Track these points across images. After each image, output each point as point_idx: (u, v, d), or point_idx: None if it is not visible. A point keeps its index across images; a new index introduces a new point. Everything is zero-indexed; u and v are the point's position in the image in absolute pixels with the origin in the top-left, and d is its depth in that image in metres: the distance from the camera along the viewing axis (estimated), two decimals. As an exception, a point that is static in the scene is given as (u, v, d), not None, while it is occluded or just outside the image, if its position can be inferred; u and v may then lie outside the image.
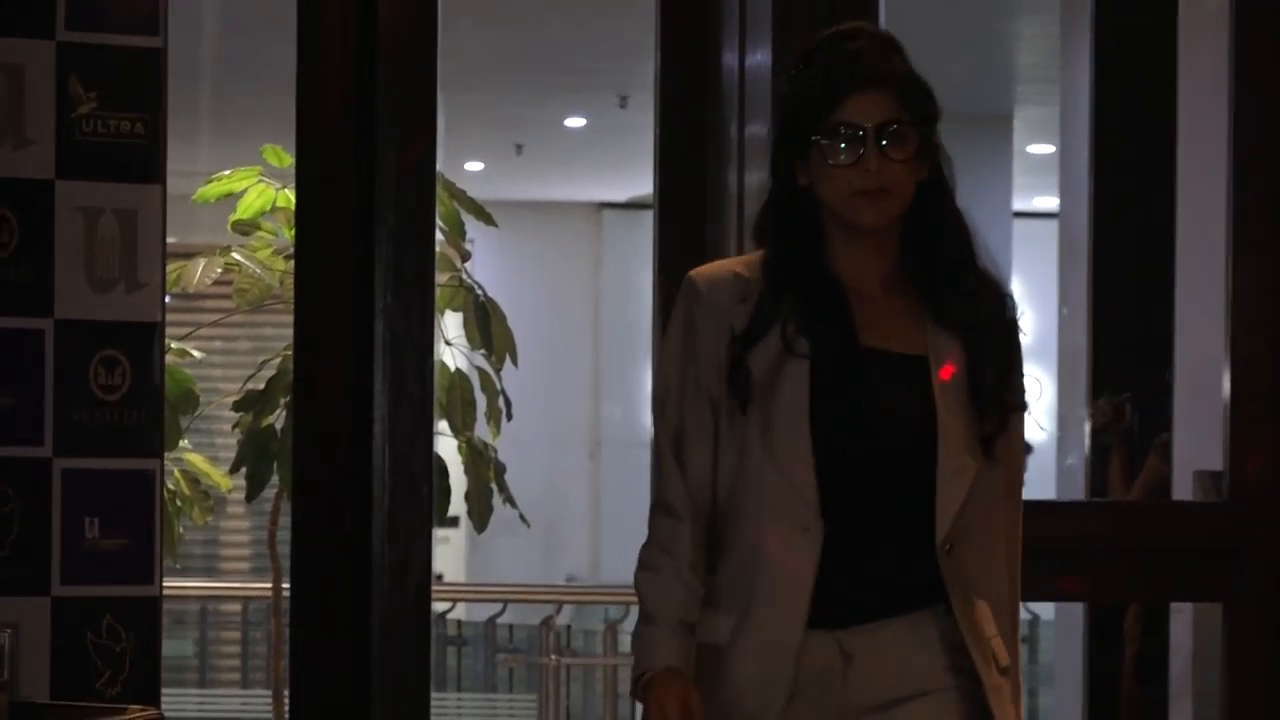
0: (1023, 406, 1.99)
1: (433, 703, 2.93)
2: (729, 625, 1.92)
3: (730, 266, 2.02)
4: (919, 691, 1.92)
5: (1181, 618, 3.64)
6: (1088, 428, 3.88)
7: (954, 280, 1.95)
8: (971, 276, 1.96)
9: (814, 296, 1.94)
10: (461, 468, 3.66)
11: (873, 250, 1.96)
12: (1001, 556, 1.97)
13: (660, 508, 1.96)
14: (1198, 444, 3.43)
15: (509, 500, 3.74)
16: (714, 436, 1.95)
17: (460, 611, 7.36)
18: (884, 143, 1.90)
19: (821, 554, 1.90)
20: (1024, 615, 5.36)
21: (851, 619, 1.92)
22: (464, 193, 3.65)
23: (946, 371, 1.94)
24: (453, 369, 3.73)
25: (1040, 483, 3.26)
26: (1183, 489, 3.46)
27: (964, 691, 1.92)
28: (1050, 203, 7.54)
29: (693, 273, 2.00)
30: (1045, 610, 6.45)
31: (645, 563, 1.95)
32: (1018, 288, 2.86)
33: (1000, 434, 1.94)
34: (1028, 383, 2.00)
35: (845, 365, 1.93)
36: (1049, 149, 7.56)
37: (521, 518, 3.77)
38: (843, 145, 1.90)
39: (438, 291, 3.10)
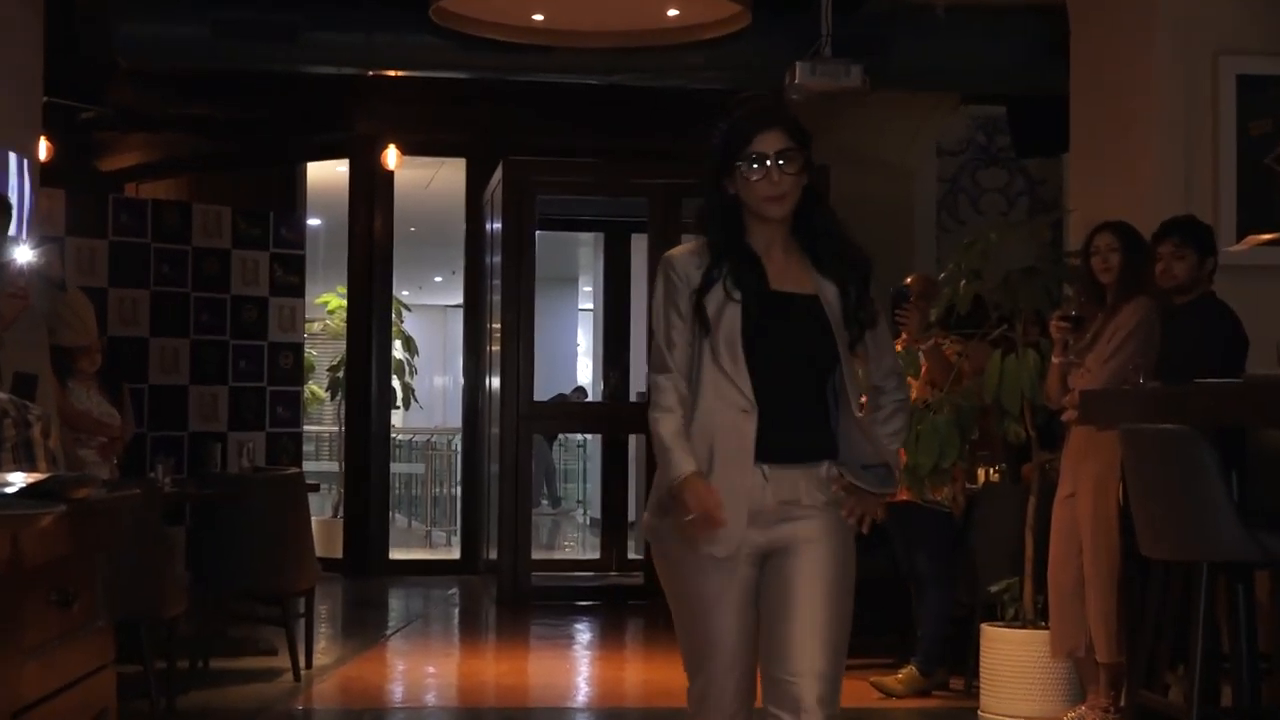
0: (874, 323, 3.60)
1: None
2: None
3: (688, 248, 3.60)
4: (808, 508, 3.54)
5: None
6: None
7: (829, 245, 3.57)
8: (841, 243, 3.59)
9: (740, 263, 3.53)
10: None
11: (776, 229, 3.58)
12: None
13: (661, 373, 3.54)
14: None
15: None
16: (689, 345, 3.52)
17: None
18: (781, 163, 3.51)
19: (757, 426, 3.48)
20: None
21: (774, 460, 3.51)
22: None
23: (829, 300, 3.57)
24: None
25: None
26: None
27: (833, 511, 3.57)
28: None
29: (665, 255, 3.62)
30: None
31: (656, 407, 3.53)
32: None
33: (861, 338, 3.57)
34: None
35: (763, 302, 3.51)
36: None
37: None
38: (755, 166, 3.51)
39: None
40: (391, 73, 10.62)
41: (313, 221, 13.69)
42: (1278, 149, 6.83)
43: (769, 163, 3.49)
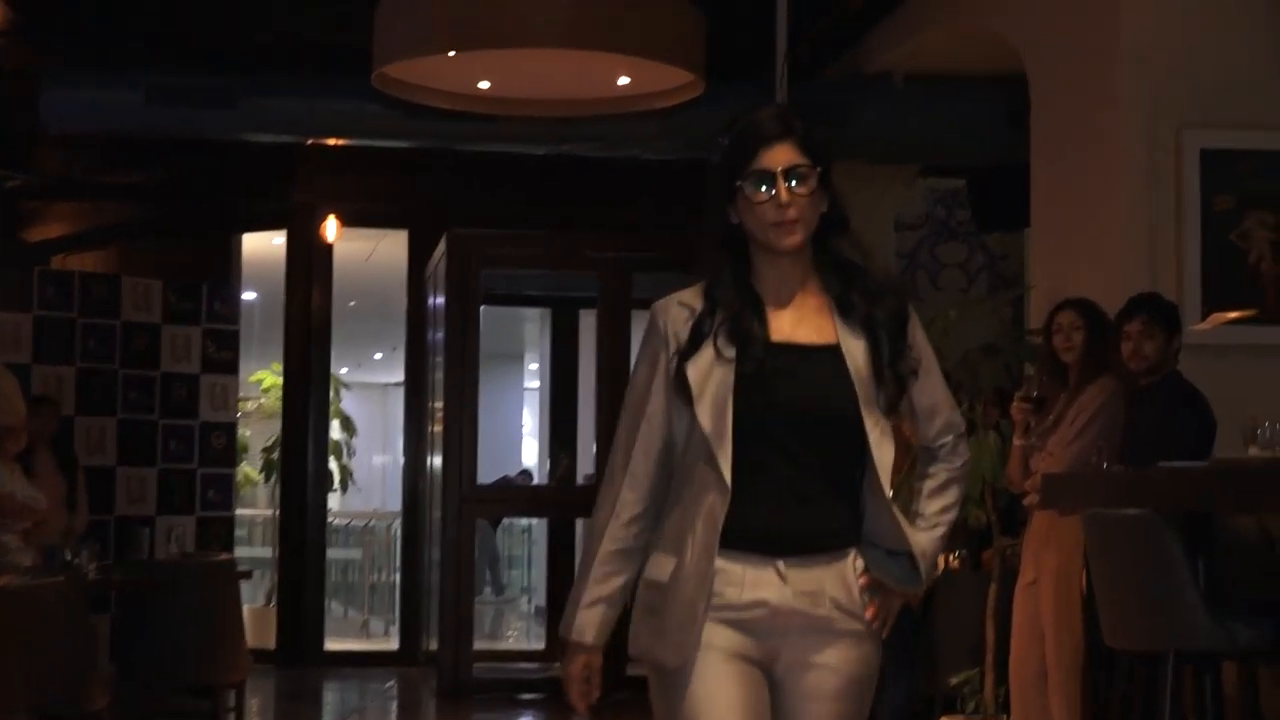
0: (918, 374, 3.08)
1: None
2: (670, 567, 3.02)
3: (680, 297, 3.09)
4: (833, 615, 3.03)
5: None
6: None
7: (854, 284, 3.06)
8: (870, 281, 3.07)
9: (740, 309, 3.03)
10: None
11: (789, 266, 3.07)
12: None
13: (621, 448, 3.09)
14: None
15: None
16: (667, 421, 3.06)
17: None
18: (791, 182, 2.99)
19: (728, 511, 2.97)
20: None
21: (789, 552, 3.00)
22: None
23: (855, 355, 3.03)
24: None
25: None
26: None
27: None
28: None
29: (654, 304, 3.11)
30: None
31: (602, 498, 3.13)
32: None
33: (900, 397, 3.05)
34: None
35: (765, 358, 3.00)
36: None
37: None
38: (759, 187, 3.00)
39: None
40: (332, 141, 10.66)
41: (248, 295, 13.68)
42: (1242, 225, 6.92)
43: (777, 182, 3.00)
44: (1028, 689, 6.03)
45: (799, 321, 3.06)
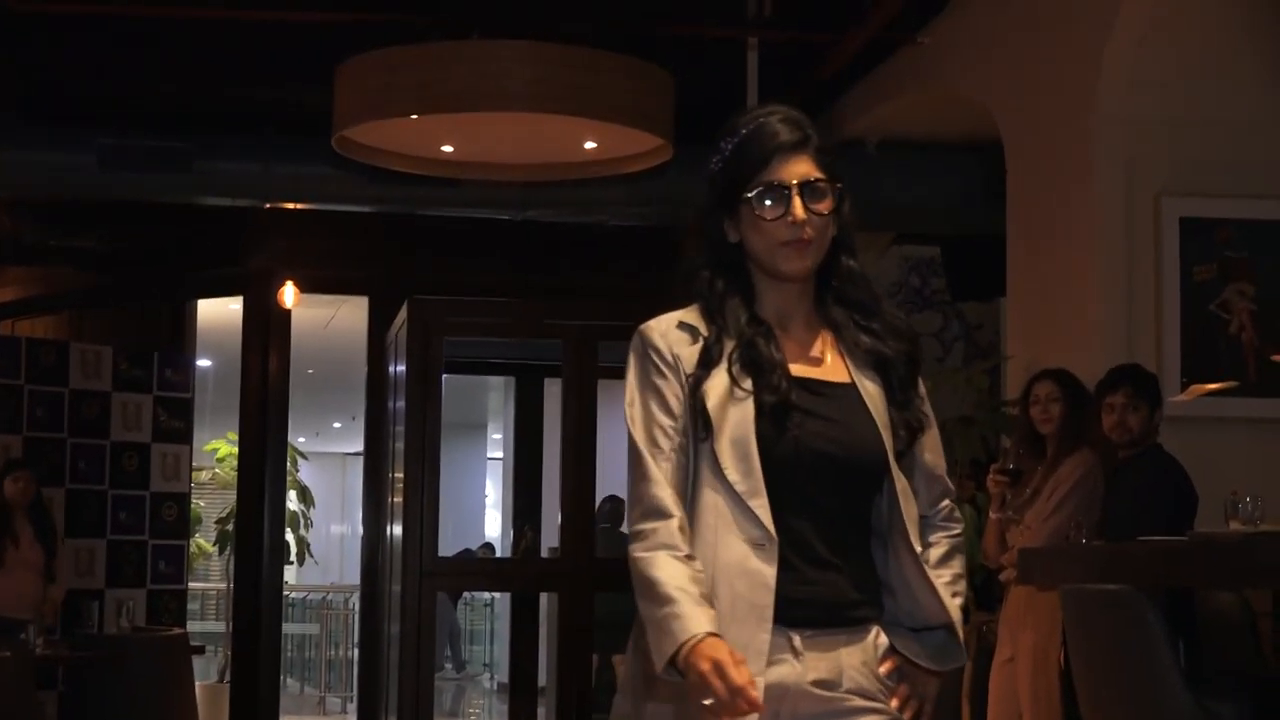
0: (926, 427, 2.79)
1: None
2: None
3: (676, 317, 2.74)
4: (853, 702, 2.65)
5: None
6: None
7: (863, 317, 2.77)
8: (879, 319, 2.78)
9: (751, 338, 2.69)
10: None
11: (796, 295, 2.77)
12: None
13: (647, 490, 2.64)
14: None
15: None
16: (679, 454, 2.66)
17: None
18: (806, 197, 2.69)
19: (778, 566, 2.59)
20: None
21: (805, 623, 2.63)
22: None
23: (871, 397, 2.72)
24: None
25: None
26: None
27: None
28: None
29: (643, 326, 2.74)
30: None
31: (642, 541, 2.60)
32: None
33: (909, 449, 2.74)
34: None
35: (787, 394, 2.66)
36: None
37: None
38: (770, 201, 2.69)
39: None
40: (290, 205, 10.67)
41: (202, 362, 13.66)
42: (1222, 295, 6.97)
43: (792, 197, 2.69)
44: (1005, 769, 6.02)
45: (810, 356, 2.76)
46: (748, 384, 2.66)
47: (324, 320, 13.96)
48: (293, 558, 14.99)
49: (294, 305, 11.92)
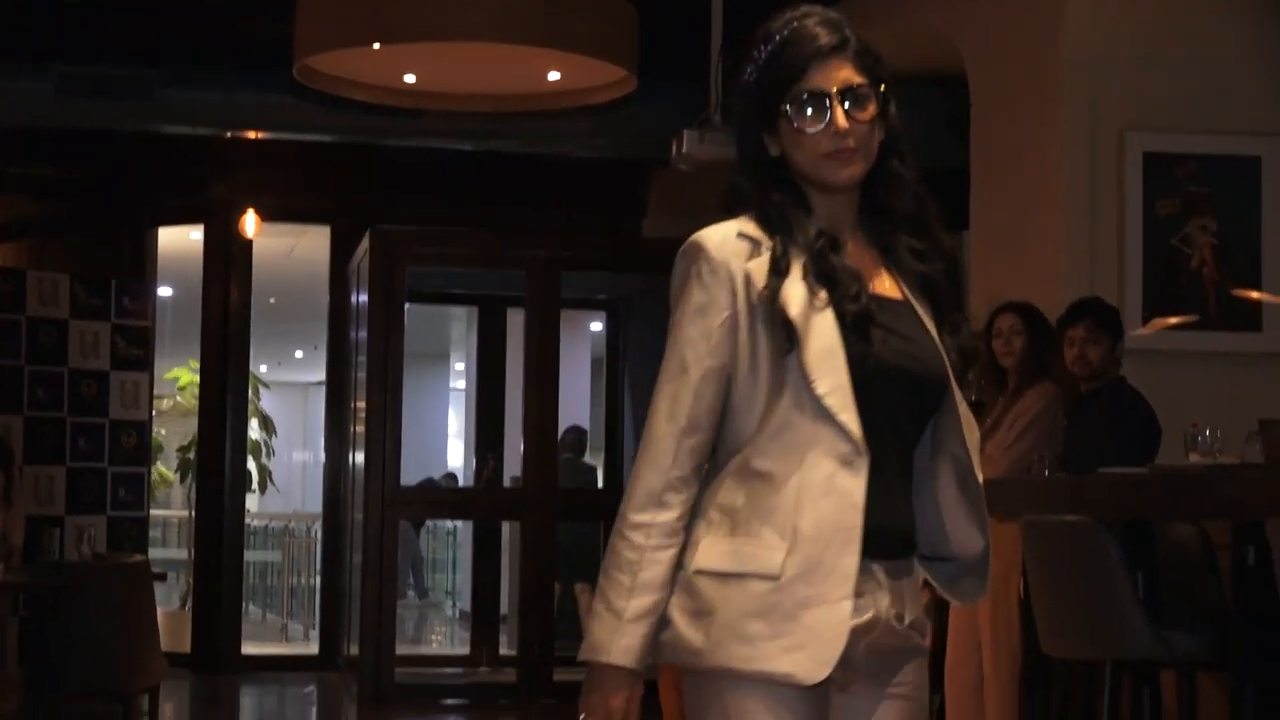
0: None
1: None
2: (779, 557, 2.42)
3: (734, 227, 2.53)
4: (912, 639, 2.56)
5: None
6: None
7: (914, 240, 2.59)
8: (928, 236, 2.60)
9: (820, 249, 2.51)
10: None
11: (845, 205, 2.58)
12: None
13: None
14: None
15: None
16: (725, 383, 2.48)
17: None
18: (847, 105, 2.52)
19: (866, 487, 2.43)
20: None
21: (884, 553, 2.49)
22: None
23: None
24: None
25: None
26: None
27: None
28: None
29: (697, 236, 2.53)
30: None
31: (642, 502, 2.47)
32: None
33: (960, 377, 2.58)
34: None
35: (865, 307, 2.48)
36: None
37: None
38: (810, 111, 2.52)
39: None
40: (252, 134, 10.59)
41: (163, 291, 13.56)
42: (1185, 230, 6.98)
43: (832, 105, 2.52)
44: (964, 697, 6.05)
45: (866, 270, 2.57)
46: (823, 295, 2.48)
47: (285, 250, 13.89)
48: (254, 486, 14.96)
49: (255, 235, 11.84)
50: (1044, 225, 7.19)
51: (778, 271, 2.48)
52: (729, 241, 2.51)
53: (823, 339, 2.45)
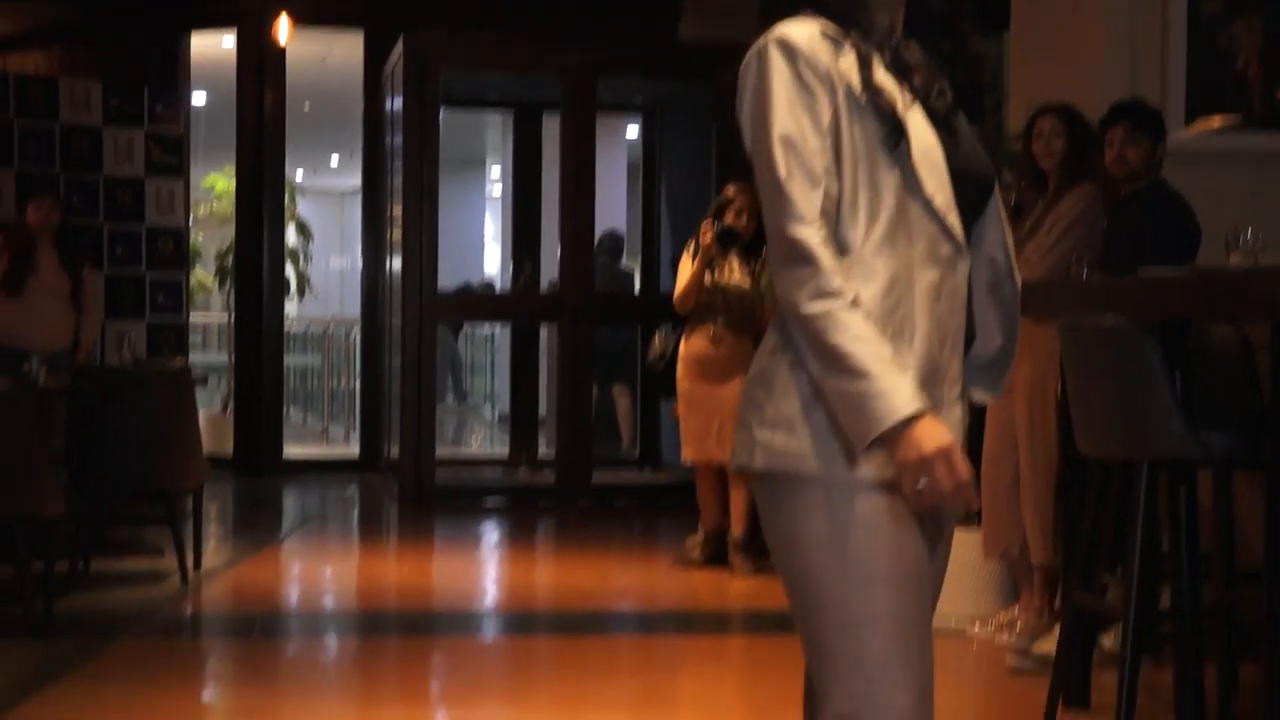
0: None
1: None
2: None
3: (815, 27, 2.41)
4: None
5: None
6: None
7: (925, 29, 2.53)
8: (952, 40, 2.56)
9: (897, 44, 2.47)
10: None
11: (897, 7, 2.49)
12: None
13: (810, 231, 2.33)
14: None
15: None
16: (829, 177, 2.36)
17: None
18: None
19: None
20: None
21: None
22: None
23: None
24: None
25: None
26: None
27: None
28: None
29: (782, 34, 2.39)
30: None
31: (820, 291, 2.32)
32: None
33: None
34: None
35: (950, 102, 2.48)
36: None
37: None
38: None
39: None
40: (284, -65, 10.45)
41: (197, 99, 13.49)
42: (1230, 28, 6.85)
43: None
44: (1000, 497, 6.08)
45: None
46: (908, 92, 2.44)
47: (319, 55, 13.78)
48: (293, 291, 15.01)
49: (288, 40, 11.73)
50: (1086, 25, 7.07)
51: (868, 67, 2.40)
52: (816, 39, 2.40)
53: (921, 138, 2.40)
